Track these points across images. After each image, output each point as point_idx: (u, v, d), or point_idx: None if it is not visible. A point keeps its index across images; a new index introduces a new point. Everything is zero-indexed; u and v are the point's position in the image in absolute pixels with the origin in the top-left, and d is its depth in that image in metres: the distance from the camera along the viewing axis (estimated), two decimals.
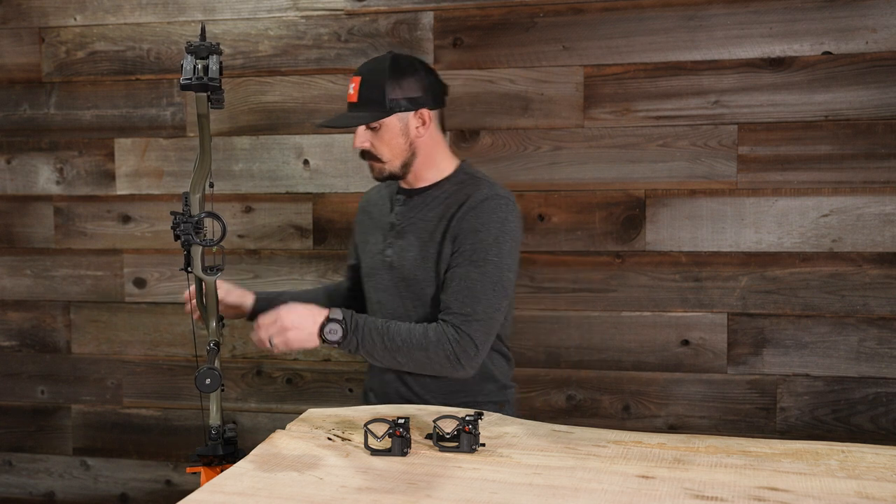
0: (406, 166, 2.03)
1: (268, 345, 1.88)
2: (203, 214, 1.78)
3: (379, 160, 2.00)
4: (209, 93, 1.65)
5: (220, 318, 1.94)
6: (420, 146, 2.02)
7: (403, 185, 2.09)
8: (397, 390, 2.08)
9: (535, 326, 2.82)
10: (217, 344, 1.87)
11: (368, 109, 1.96)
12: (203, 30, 1.71)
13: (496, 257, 1.90)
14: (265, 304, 2.12)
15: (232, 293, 2.15)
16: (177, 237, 1.79)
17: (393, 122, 1.98)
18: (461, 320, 1.88)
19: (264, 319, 1.88)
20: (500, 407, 2.08)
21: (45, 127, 3.15)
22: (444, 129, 2.11)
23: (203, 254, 1.82)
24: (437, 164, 2.06)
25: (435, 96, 2.04)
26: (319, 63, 2.92)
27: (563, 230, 2.79)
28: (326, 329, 1.86)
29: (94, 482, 3.22)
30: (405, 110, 1.98)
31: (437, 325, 1.91)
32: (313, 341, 1.87)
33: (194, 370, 3.07)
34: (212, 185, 1.85)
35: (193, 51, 1.66)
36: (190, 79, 1.63)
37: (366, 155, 2.01)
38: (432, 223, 2.00)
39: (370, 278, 2.14)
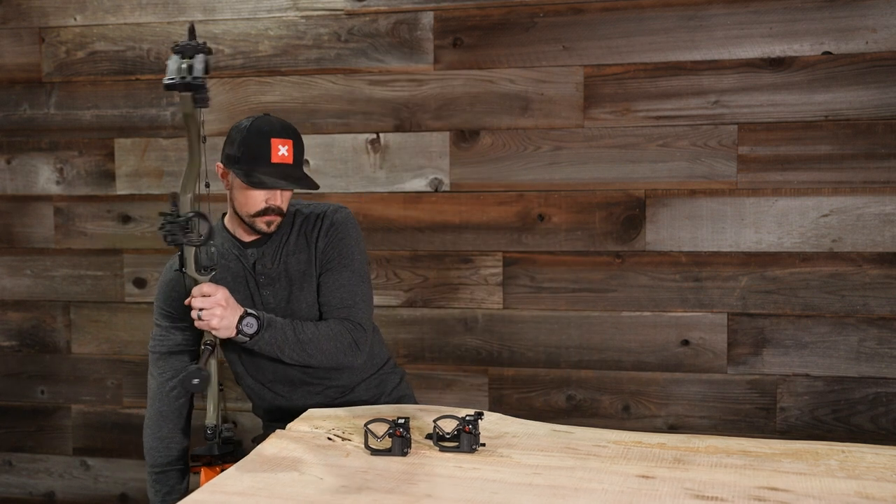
0: None
1: (195, 315, 1.86)
2: (190, 214, 1.76)
3: (282, 215, 2.05)
4: (192, 92, 1.64)
5: None
6: None
7: (246, 238, 2.09)
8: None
9: (535, 326, 2.82)
10: (212, 344, 1.86)
11: (301, 172, 2.03)
12: (191, 29, 1.70)
13: (360, 255, 2.11)
14: None
15: None
16: (164, 237, 1.77)
17: None
18: (347, 312, 2.04)
19: (206, 289, 1.85)
20: (404, 379, 2.28)
21: (45, 127, 3.15)
22: None
23: (196, 254, 1.81)
24: None
25: None
26: (319, 63, 2.92)
27: (563, 230, 2.79)
28: (244, 322, 1.89)
29: (94, 482, 3.22)
30: None
31: (332, 319, 2.04)
32: (231, 331, 1.88)
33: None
34: (207, 186, 1.86)
35: (180, 50, 1.65)
36: (174, 79, 1.63)
37: (274, 211, 2.02)
38: (304, 254, 2.08)
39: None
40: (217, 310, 1.84)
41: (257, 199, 1.99)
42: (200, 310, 1.84)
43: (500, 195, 2.83)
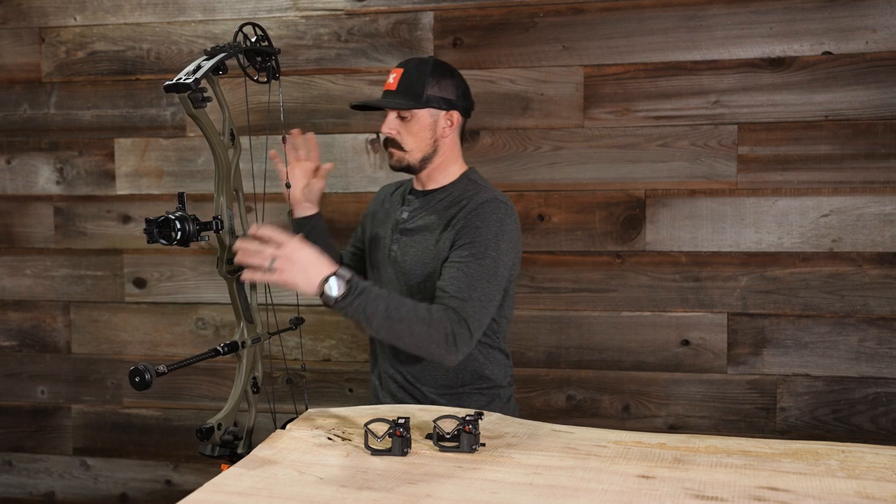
0: (424, 161, 2.08)
1: (266, 264, 1.68)
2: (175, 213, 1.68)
3: (401, 149, 2.06)
4: (188, 93, 1.64)
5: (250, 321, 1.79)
6: (442, 146, 2.09)
7: (417, 186, 2.15)
8: (394, 382, 2.13)
9: (535, 326, 2.82)
10: (233, 345, 1.73)
11: (405, 99, 2.03)
12: (238, 32, 1.77)
13: (494, 252, 1.94)
14: (309, 228, 2.20)
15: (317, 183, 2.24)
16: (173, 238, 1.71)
17: (425, 115, 2.05)
18: (458, 304, 1.88)
19: (274, 235, 1.71)
20: (495, 403, 2.12)
21: (45, 127, 3.15)
22: (462, 139, 2.19)
23: (226, 253, 1.77)
24: (449, 168, 2.13)
25: (466, 105, 2.13)
26: (319, 63, 2.92)
27: (563, 230, 2.79)
28: (330, 282, 1.73)
29: (94, 482, 3.22)
30: (439, 108, 2.06)
31: (438, 306, 1.89)
32: (311, 288, 1.73)
33: (196, 370, 3.08)
34: (288, 186, 2.02)
35: (208, 52, 1.67)
36: (172, 80, 1.63)
37: (389, 142, 2.07)
38: (436, 223, 2.05)
39: (375, 270, 2.19)
40: (291, 265, 1.69)
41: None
42: (274, 259, 1.67)
43: None
